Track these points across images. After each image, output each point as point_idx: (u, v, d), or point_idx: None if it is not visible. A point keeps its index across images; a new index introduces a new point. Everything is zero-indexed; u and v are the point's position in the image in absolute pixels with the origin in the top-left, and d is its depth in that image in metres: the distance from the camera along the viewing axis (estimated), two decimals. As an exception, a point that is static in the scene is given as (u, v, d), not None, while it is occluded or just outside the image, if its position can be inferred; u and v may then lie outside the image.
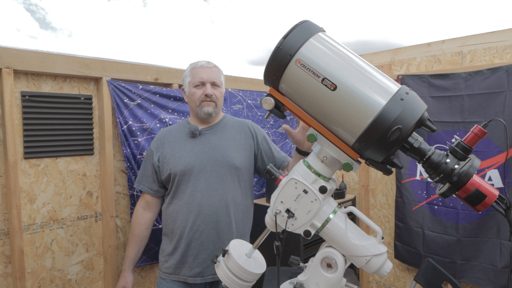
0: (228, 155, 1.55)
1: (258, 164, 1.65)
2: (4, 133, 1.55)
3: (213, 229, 1.50)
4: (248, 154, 1.61)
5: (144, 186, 1.64)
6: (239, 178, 1.57)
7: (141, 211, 1.67)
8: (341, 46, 0.91)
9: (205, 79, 1.57)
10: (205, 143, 1.57)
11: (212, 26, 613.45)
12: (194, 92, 1.57)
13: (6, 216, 1.59)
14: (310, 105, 0.93)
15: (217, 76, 1.60)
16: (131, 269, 1.67)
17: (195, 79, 1.58)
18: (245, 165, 1.59)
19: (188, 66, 1.65)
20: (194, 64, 1.62)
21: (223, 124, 1.64)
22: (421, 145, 0.87)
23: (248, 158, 1.61)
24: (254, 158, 1.65)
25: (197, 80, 1.57)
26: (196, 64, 1.62)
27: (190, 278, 1.52)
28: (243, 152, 1.59)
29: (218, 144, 1.57)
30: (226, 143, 1.58)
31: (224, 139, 1.59)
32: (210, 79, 1.57)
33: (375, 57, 2.54)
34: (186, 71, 1.64)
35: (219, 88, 1.61)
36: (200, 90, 1.56)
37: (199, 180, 1.51)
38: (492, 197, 0.85)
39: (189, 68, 1.63)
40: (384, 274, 1.00)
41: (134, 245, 1.66)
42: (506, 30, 2.00)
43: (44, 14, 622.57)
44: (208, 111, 1.55)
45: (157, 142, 1.63)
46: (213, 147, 1.56)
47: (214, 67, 1.62)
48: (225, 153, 1.55)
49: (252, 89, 2.56)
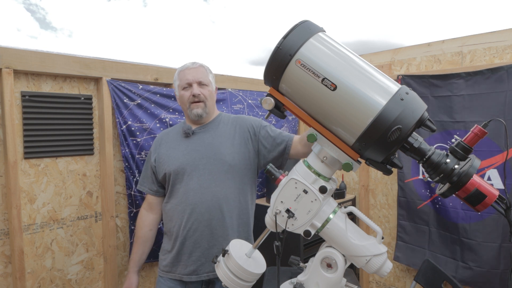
0: (220, 153, 1.54)
1: (261, 158, 1.59)
2: (4, 133, 1.55)
3: (206, 227, 1.50)
4: (244, 149, 1.57)
5: (145, 187, 1.65)
6: (233, 175, 1.55)
7: (145, 213, 1.68)
8: (341, 46, 0.91)
9: (190, 80, 1.57)
10: (198, 142, 1.57)
11: (213, 26, 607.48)
12: (183, 94, 1.58)
13: (6, 216, 1.59)
14: (310, 105, 0.93)
15: (203, 76, 1.59)
16: (135, 271, 1.66)
17: (182, 81, 1.59)
18: (240, 161, 1.55)
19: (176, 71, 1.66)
20: (181, 68, 1.63)
21: (217, 122, 1.63)
22: (421, 145, 0.87)
23: (244, 154, 1.57)
24: (256, 152, 1.59)
25: (184, 82, 1.58)
26: (183, 67, 1.62)
27: (185, 276, 1.53)
28: (238, 148, 1.57)
29: (211, 142, 1.56)
30: (219, 140, 1.57)
31: (217, 137, 1.58)
32: (196, 79, 1.57)
33: (375, 57, 2.54)
34: (175, 75, 1.65)
35: (207, 87, 1.60)
36: (188, 91, 1.57)
37: (192, 179, 1.52)
38: (492, 197, 0.85)
39: (176, 72, 1.64)
40: (384, 274, 1.00)
41: (138, 247, 1.66)
42: (506, 30, 2.00)
43: (44, 14, 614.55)
44: (197, 113, 1.56)
45: (156, 143, 1.66)
46: (206, 145, 1.56)
47: (200, 67, 1.61)
48: (218, 150, 1.54)
49: (252, 89, 2.56)
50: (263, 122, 1.64)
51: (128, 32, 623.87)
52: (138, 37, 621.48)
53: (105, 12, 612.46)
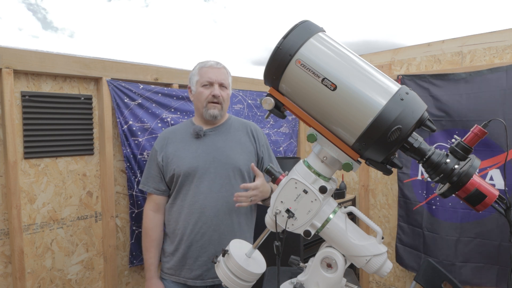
0: (232, 157, 1.53)
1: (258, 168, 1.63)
2: (4, 133, 1.55)
3: (215, 231, 1.49)
4: (252, 156, 1.60)
5: (150, 187, 1.59)
6: (243, 180, 1.55)
7: (153, 214, 1.60)
8: (341, 46, 0.91)
9: (213, 79, 1.55)
10: (209, 144, 1.55)
11: (215, 26, 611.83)
12: (202, 91, 1.55)
13: (6, 216, 1.59)
14: (310, 105, 0.93)
15: (225, 78, 1.58)
16: (158, 276, 1.58)
17: (203, 78, 1.55)
18: (249, 167, 1.56)
19: (196, 65, 1.62)
20: (203, 64, 1.59)
21: (228, 125, 1.62)
22: (421, 145, 0.87)
23: (252, 161, 1.59)
24: (258, 161, 1.63)
25: (205, 80, 1.55)
26: (205, 63, 1.59)
27: (190, 280, 1.51)
28: (248, 154, 1.58)
29: (223, 146, 1.55)
30: (231, 144, 1.56)
31: (229, 141, 1.57)
32: (219, 80, 1.55)
33: (375, 57, 2.54)
34: (194, 69, 1.61)
35: (227, 90, 1.59)
36: (208, 90, 1.54)
37: (202, 182, 1.50)
38: (492, 197, 0.85)
39: (197, 66, 1.60)
40: (384, 274, 1.00)
41: (154, 250, 1.58)
42: (506, 30, 2.00)
43: (45, 14, 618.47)
44: (213, 114, 1.54)
45: (161, 141, 1.61)
46: (218, 148, 1.54)
47: (223, 68, 1.60)
48: (229, 155, 1.53)
49: (252, 89, 2.56)
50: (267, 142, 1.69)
51: (129, 32, 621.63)
52: (139, 37, 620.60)
53: (106, 12, 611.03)
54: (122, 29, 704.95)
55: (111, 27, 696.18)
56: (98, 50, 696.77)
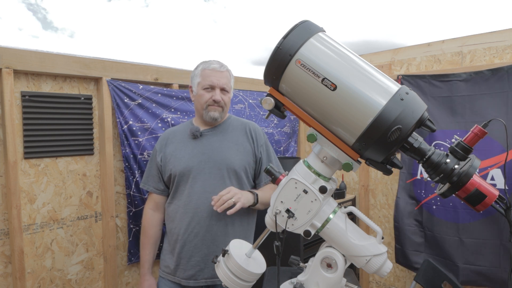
0: (227, 157, 1.53)
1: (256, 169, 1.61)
2: (4, 133, 1.55)
3: (208, 232, 1.48)
4: (249, 157, 1.58)
5: (150, 186, 1.61)
6: (239, 181, 1.54)
7: (151, 212, 1.63)
8: (341, 46, 0.91)
9: (215, 84, 1.52)
10: (205, 144, 1.55)
11: (215, 26, 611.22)
12: (202, 94, 1.53)
13: (6, 216, 1.59)
14: (310, 105, 0.93)
15: (227, 81, 1.56)
16: (150, 272, 1.63)
17: (205, 81, 1.53)
18: (245, 168, 1.56)
19: (199, 64, 1.59)
20: (206, 65, 1.56)
21: (226, 125, 1.61)
22: (421, 145, 0.87)
23: (249, 161, 1.58)
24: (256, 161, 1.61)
25: (206, 83, 1.53)
26: (208, 65, 1.55)
27: (183, 280, 1.51)
28: (244, 154, 1.57)
29: (219, 146, 1.55)
30: (228, 145, 1.56)
31: (226, 141, 1.56)
32: (220, 84, 1.53)
33: (375, 57, 2.54)
34: (196, 69, 1.59)
35: (228, 94, 1.58)
36: (209, 94, 1.53)
37: (197, 182, 1.50)
38: (492, 197, 0.85)
39: (200, 67, 1.58)
40: (384, 274, 1.00)
41: (150, 248, 1.62)
42: (506, 30, 2.00)
43: (45, 14, 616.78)
44: (214, 116, 1.53)
45: (162, 142, 1.62)
46: (214, 148, 1.54)
47: (226, 72, 1.57)
48: (225, 155, 1.53)
49: (252, 89, 2.56)
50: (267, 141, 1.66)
51: (129, 32, 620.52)
52: (139, 37, 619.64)
53: (106, 12, 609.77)
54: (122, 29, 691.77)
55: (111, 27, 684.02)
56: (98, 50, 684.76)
